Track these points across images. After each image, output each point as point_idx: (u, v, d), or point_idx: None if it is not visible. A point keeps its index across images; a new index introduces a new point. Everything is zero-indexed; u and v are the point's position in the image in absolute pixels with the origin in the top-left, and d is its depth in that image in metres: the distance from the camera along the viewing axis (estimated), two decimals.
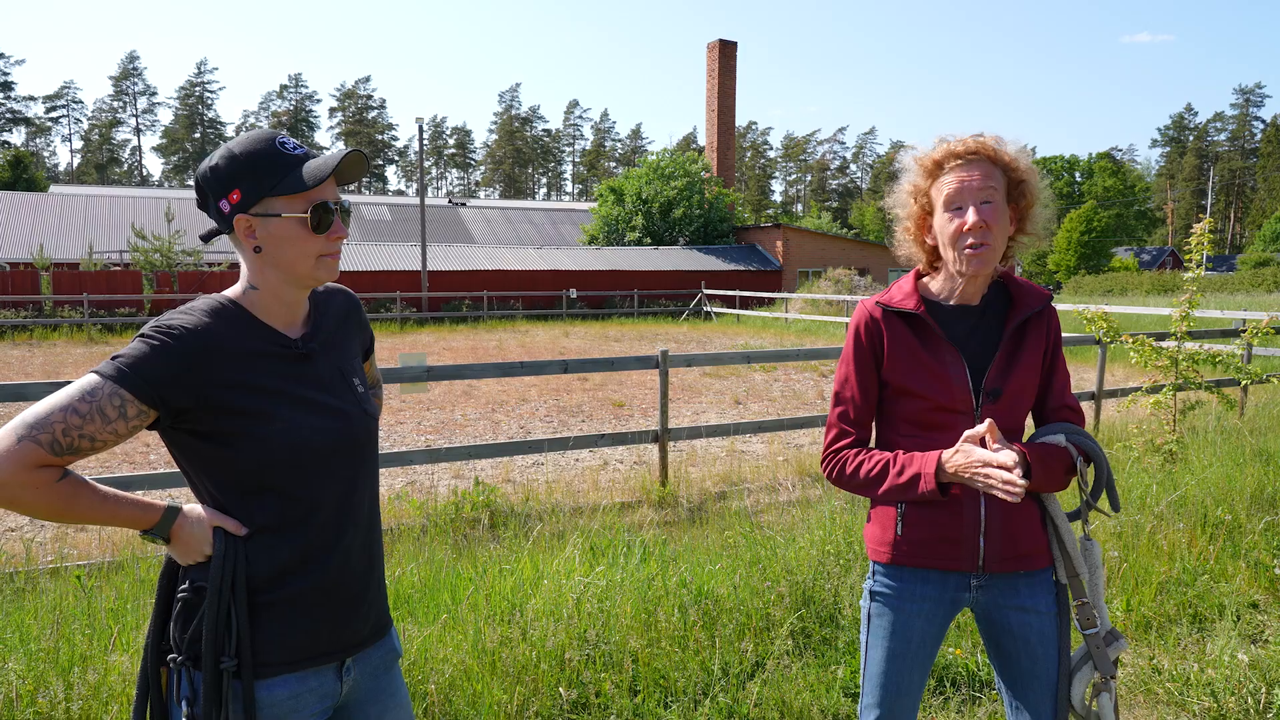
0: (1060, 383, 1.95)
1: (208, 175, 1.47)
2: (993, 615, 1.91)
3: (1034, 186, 1.88)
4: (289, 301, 1.55)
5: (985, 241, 1.80)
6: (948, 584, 1.89)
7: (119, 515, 1.41)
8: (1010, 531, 1.85)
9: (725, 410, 11.25)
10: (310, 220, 1.48)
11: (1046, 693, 1.86)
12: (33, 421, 1.32)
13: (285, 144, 1.48)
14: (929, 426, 1.87)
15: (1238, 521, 4.81)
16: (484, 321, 30.46)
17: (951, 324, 1.89)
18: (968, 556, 1.86)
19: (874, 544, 1.96)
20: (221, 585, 1.42)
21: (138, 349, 1.38)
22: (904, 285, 1.96)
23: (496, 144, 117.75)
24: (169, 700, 1.47)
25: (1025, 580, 1.89)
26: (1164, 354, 6.96)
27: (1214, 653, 3.49)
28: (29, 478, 1.31)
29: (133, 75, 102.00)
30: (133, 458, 8.44)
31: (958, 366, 1.85)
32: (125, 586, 3.92)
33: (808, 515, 5.46)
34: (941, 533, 1.86)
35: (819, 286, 30.61)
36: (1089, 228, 67.04)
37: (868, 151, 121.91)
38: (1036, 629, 1.87)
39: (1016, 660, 1.90)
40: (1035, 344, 1.89)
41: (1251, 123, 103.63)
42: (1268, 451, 6.40)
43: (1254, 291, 35.56)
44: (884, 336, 1.91)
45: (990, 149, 1.84)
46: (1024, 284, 1.94)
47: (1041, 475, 1.79)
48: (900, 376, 1.89)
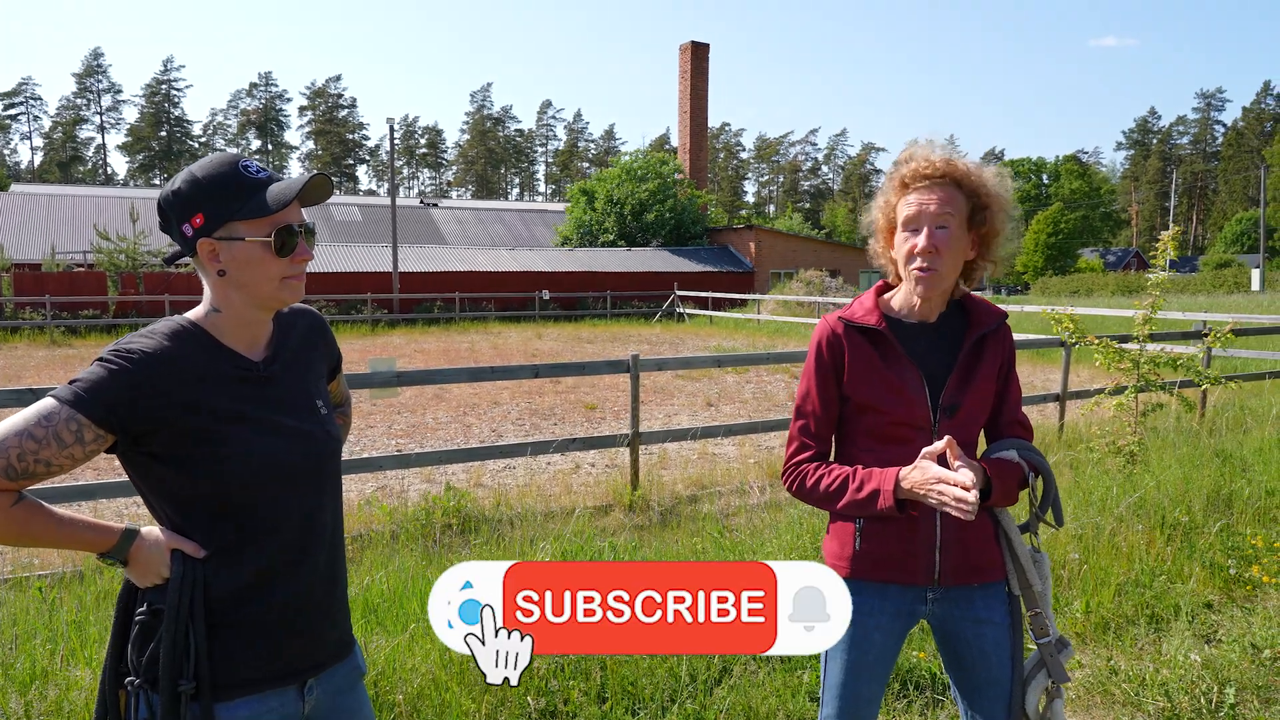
0: (1013, 398, 1.99)
1: (170, 199, 1.47)
2: (949, 627, 1.96)
3: (999, 213, 1.88)
4: (252, 323, 1.54)
5: (934, 267, 1.83)
6: (905, 597, 1.93)
7: (75, 539, 1.41)
8: (965, 545, 1.89)
9: (698, 412, 11.29)
10: (274, 244, 1.48)
11: (1001, 701, 1.91)
12: None
13: (248, 167, 1.48)
14: (888, 440, 1.90)
15: (1194, 523, 4.92)
16: (456, 323, 30.28)
17: (911, 340, 1.92)
18: (924, 571, 1.89)
19: (833, 558, 1.99)
20: (179, 608, 1.41)
21: (95, 373, 1.37)
22: (866, 301, 1.98)
23: (469, 144, 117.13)
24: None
25: (980, 592, 1.93)
26: (1127, 356, 7.09)
27: (1169, 653, 3.58)
28: None
29: (97, 72, 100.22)
30: (97, 464, 8.32)
31: (916, 382, 1.88)
32: (88, 598, 3.87)
33: (777, 519, 5.51)
34: (899, 548, 1.89)
35: (791, 288, 30.75)
36: (1056, 229, 68.07)
37: (839, 153, 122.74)
38: (991, 639, 1.91)
39: (973, 670, 1.94)
40: (991, 361, 1.93)
41: (1213, 126, 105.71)
42: (1225, 452, 6.55)
43: (1215, 293, 36.33)
44: (845, 351, 1.93)
45: (959, 172, 1.85)
46: (981, 303, 1.98)
47: (1000, 491, 1.84)
48: (860, 391, 1.91)
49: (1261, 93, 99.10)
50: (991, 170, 1.90)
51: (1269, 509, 5.31)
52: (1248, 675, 3.39)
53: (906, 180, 1.88)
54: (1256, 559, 4.57)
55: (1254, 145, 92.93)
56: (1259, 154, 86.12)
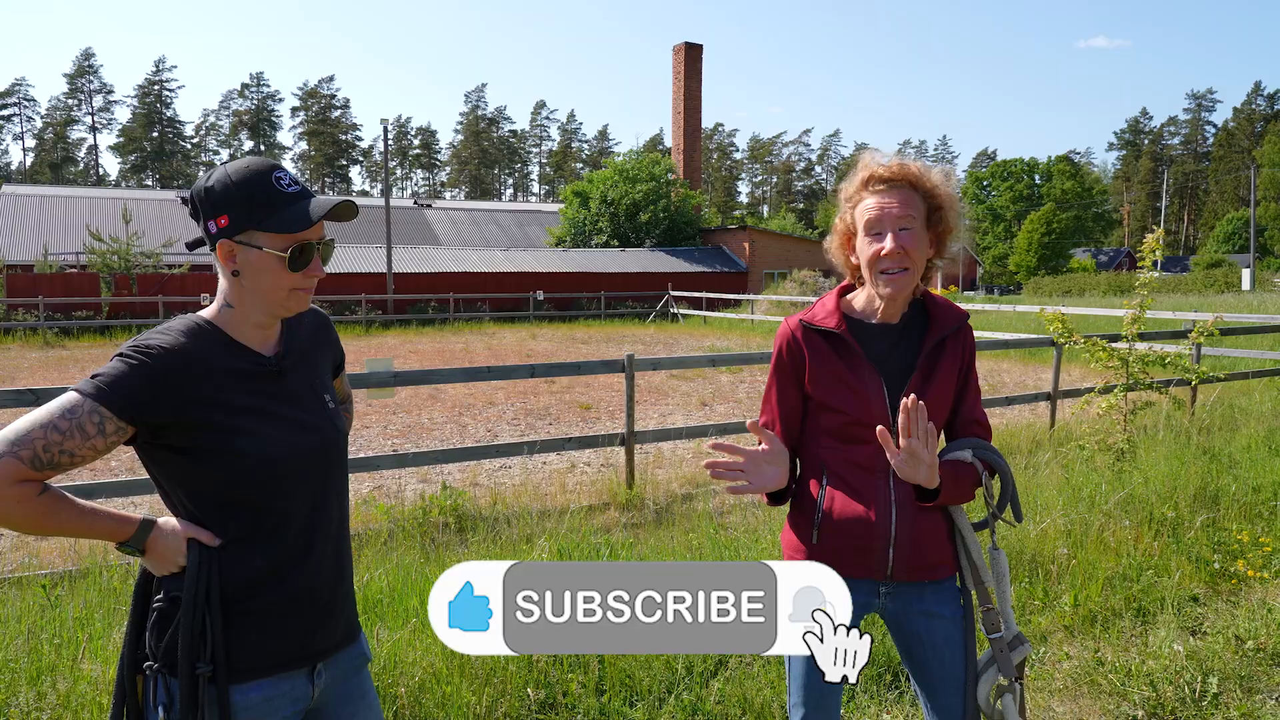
0: (971, 398, 2.03)
1: (202, 194, 1.53)
2: (901, 621, 2.00)
3: (951, 214, 1.94)
4: (261, 323, 1.60)
5: (905, 266, 1.88)
6: (859, 590, 1.94)
7: (96, 528, 1.46)
8: (919, 543, 1.93)
9: (692, 412, 11.36)
10: (288, 260, 1.53)
11: (956, 694, 1.95)
12: (13, 438, 1.37)
13: (281, 179, 1.53)
14: (847, 440, 1.95)
15: (1181, 518, 5.00)
16: (450, 324, 30.31)
17: (872, 342, 1.96)
18: (878, 565, 1.93)
19: (789, 551, 2.04)
20: (196, 595, 1.47)
21: (116, 368, 1.43)
22: (828, 303, 2.02)
23: (462, 144, 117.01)
24: (145, 707, 1.52)
25: (931, 588, 1.97)
26: (1116, 355, 7.19)
27: (1155, 645, 3.65)
28: (10, 491, 1.36)
29: (88, 73, 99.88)
30: (93, 465, 8.34)
31: (875, 384, 1.92)
32: (93, 596, 3.91)
33: (771, 516, 5.57)
34: (854, 542, 1.94)
35: (784, 288, 30.88)
36: (1049, 229, 68.26)
37: (833, 153, 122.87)
38: (942, 633, 1.96)
39: (925, 663, 1.99)
40: (951, 362, 1.97)
41: (1204, 127, 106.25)
42: (1212, 449, 6.64)
43: (1206, 292, 36.48)
44: (804, 354, 1.98)
45: (913, 175, 1.90)
46: (942, 303, 2.02)
47: (951, 489, 1.89)
48: (821, 392, 1.97)
49: (1252, 93, 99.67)
50: (939, 171, 1.96)
51: (1255, 505, 5.39)
52: (1231, 665, 3.46)
53: (863, 182, 1.93)
54: (1242, 554, 4.66)
55: (1244, 145, 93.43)
56: (1249, 154, 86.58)
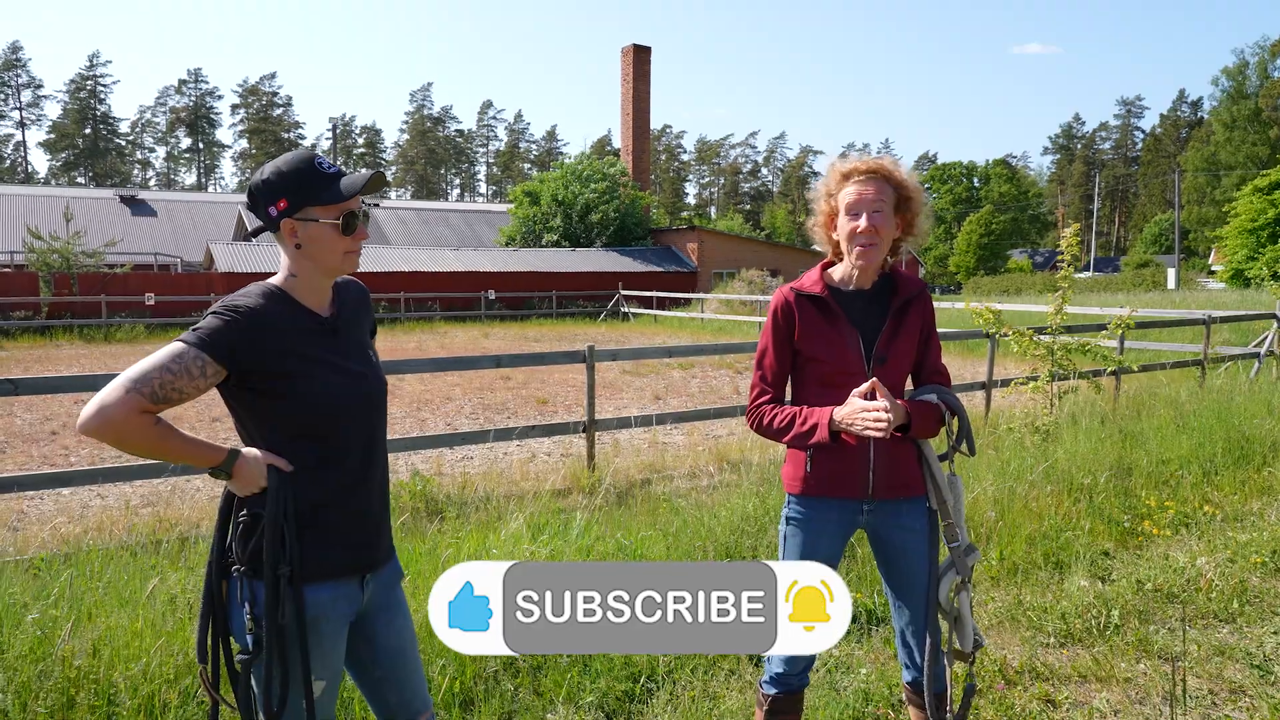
0: (934, 352, 2.50)
1: (260, 187, 1.86)
2: (880, 534, 2.47)
3: (918, 202, 2.43)
4: (319, 288, 1.94)
5: (873, 242, 2.34)
6: (846, 509, 2.43)
7: (197, 454, 1.78)
8: (894, 466, 2.39)
9: (646, 405, 11.73)
10: (341, 225, 1.87)
11: (920, 593, 2.42)
12: (136, 377, 1.69)
13: (321, 164, 1.88)
14: (831, 385, 2.39)
15: (1096, 485, 5.53)
16: (401, 323, 30.22)
17: (849, 304, 2.42)
18: (860, 486, 2.39)
19: (789, 480, 2.49)
20: (277, 510, 1.79)
21: (212, 323, 1.76)
22: (812, 274, 2.49)
23: (408, 144, 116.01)
24: (230, 604, 1.83)
25: (906, 505, 2.43)
26: (1041, 345, 7.76)
27: (1069, 589, 4.13)
28: (136, 420, 1.68)
29: (16, 66, 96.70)
30: (52, 459, 8.42)
31: (853, 338, 2.37)
32: (78, 577, 4.06)
33: (729, 496, 5.97)
34: (841, 468, 2.39)
35: (733, 287, 31.48)
36: (987, 231, 70.48)
37: (779, 155, 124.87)
38: (913, 544, 2.43)
39: (898, 568, 2.46)
40: (914, 320, 2.44)
41: (1133, 133, 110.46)
42: (1130, 431, 7.23)
43: (1134, 291, 38.07)
44: (795, 315, 2.43)
45: (886, 170, 2.37)
46: (906, 275, 2.49)
47: (919, 424, 2.33)
48: (809, 346, 2.41)
49: (1177, 100, 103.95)
50: (907, 169, 2.44)
51: (1163, 475, 5.96)
52: (1132, 603, 3.96)
53: (846, 174, 2.40)
54: (1149, 515, 5.19)
55: (1171, 150, 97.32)
56: (1175, 159, 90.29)
